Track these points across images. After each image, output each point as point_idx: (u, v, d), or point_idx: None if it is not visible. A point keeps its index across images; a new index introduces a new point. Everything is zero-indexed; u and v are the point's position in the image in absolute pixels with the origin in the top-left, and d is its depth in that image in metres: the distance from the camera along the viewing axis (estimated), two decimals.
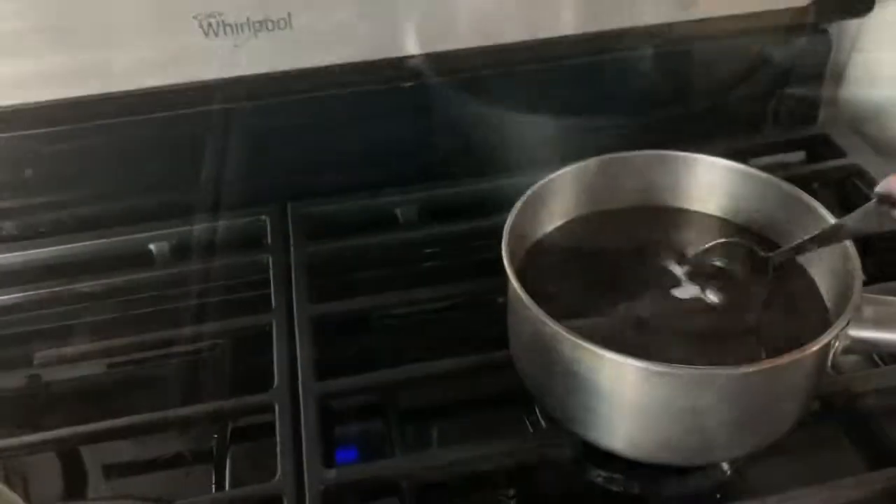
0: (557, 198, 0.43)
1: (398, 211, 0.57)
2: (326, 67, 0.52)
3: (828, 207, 0.55)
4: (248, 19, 0.49)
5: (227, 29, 0.49)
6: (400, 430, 0.45)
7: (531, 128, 0.60)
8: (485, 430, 0.46)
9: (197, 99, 0.52)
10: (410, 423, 0.47)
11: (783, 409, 0.37)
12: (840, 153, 0.59)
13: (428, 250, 0.56)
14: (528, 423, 0.45)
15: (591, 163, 0.44)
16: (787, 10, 0.56)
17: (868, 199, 0.55)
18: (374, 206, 0.57)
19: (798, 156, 0.63)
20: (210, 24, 0.49)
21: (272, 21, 0.49)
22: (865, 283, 0.42)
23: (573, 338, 0.35)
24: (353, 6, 0.50)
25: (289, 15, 0.49)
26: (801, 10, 0.56)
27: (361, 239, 0.54)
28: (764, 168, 0.61)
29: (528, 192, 0.41)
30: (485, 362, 0.45)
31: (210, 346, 0.51)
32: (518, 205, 0.40)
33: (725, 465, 0.42)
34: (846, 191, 0.58)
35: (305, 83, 0.52)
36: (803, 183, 0.57)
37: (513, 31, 0.54)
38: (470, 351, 0.46)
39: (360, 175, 0.58)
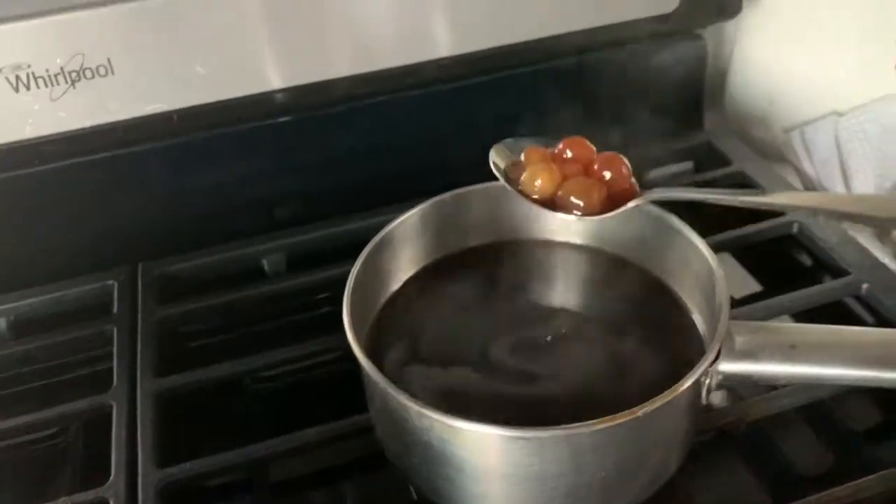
0: (406, 245, 0.40)
1: (264, 261, 0.52)
2: (162, 114, 0.48)
3: (717, 220, 0.54)
4: (62, 69, 0.44)
5: (40, 81, 0.44)
6: None
7: (400, 158, 0.56)
8: (368, 498, 0.42)
9: (20, 160, 0.47)
10: (285, 498, 0.42)
11: (660, 456, 0.34)
12: (725, 161, 0.57)
13: (297, 302, 0.51)
14: (411, 488, 0.41)
15: (440, 201, 0.40)
16: (653, 17, 0.54)
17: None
18: (235, 258, 0.52)
19: (687, 166, 0.61)
20: (18, 78, 0.44)
21: (90, 69, 0.45)
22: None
23: (418, 406, 0.31)
24: (184, 46, 0.46)
25: (108, 61, 0.45)
26: (669, 17, 0.54)
27: (219, 297, 0.49)
28: (657, 182, 0.60)
29: (369, 247, 0.37)
30: (347, 430, 0.40)
31: (52, 434, 0.45)
32: (358, 264, 0.36)
33: None
34: None
35: (138, 133, 0.48)
36: None
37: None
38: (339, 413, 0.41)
39: (222, 225, 0.54)
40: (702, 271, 0.36)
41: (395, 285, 0.40)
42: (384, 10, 0.50)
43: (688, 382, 0.31)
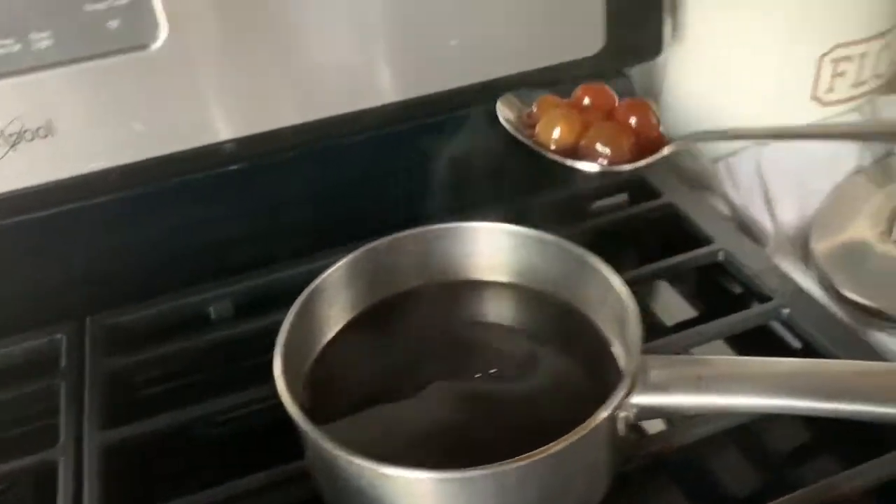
0: (340, 292, 0.41)
1: (211, 308, 0.54)
2: (105, 171, 0.49)
3: (652, 248, 0.56)
4: (1, 132, 0.45)
5: None
6: None
7: (349, 201, 0.58)
8: None
9: None
10: None
11: (584, 485, 0.36)
12: (656, 193, 0.59)
13: (245, 348, 0.52)
14: None
15: (373, 248, 0.42)
16: (577, 60, 0.56)
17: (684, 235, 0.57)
18: (182, 306, 0.53)
19: (621, 198, 0.63)
20: None
21: (30, 131, 0.46)
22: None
23: (346, 454, 0.32)
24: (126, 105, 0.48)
25: (48, 122, 0.46)
26: (592, 60, 0.56)
27: (166, 346, 0.50)
28: (599, 213, 0.62)
29: (301, 298, 0.39)
30: (290, 474, 0.41)
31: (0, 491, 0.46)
32: (291, 315, 0.38)
33: None
34: (664, 230, 0.58)
35: (82, 191, 0.49)
36: (627, 226, 0.58)
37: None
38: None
39: (169, 274, 0.55)
40: (618, 308, 0.38)
41: (331, 332, 0.42)
42: (328, 59, 0.52)
43: (601, 417, 0.32)
